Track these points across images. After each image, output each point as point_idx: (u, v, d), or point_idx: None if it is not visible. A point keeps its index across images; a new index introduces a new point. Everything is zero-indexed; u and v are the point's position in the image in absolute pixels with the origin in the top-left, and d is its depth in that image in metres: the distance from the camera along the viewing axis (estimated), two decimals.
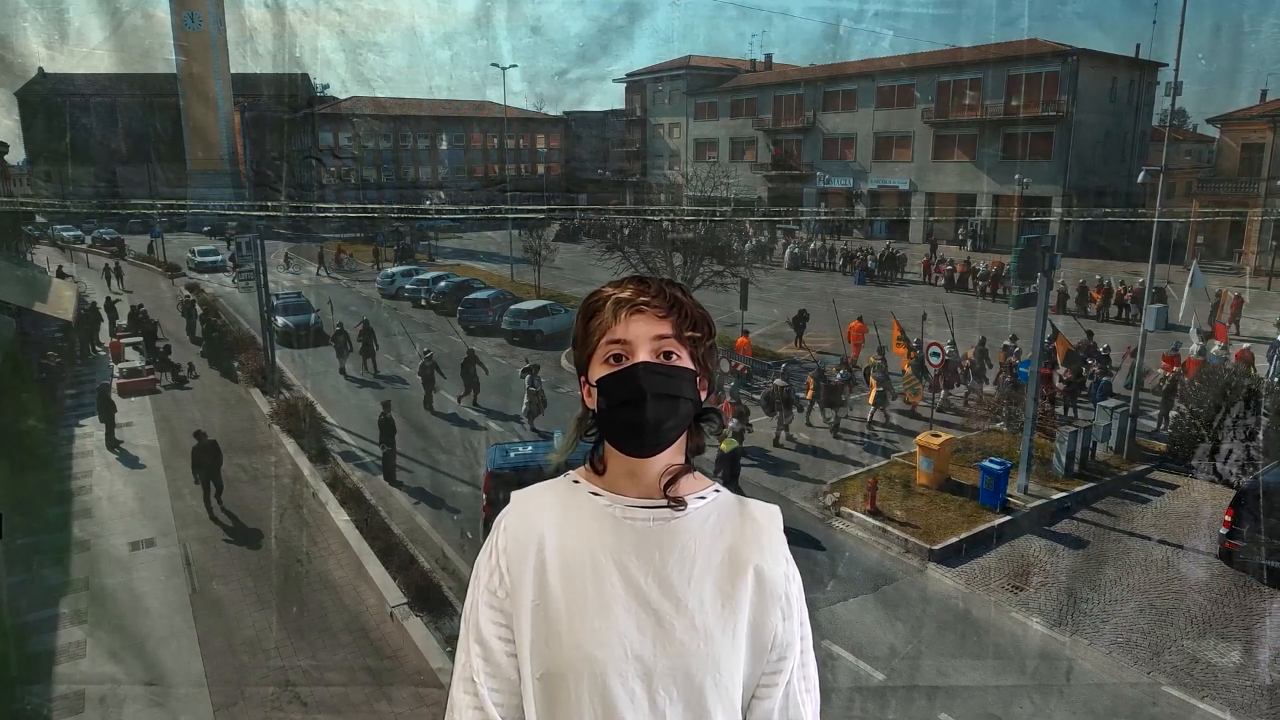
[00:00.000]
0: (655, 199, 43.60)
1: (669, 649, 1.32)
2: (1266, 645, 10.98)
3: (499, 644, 1.39)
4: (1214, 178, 38.61)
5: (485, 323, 26.95)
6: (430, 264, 39.40)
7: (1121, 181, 39.95)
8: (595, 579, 1.35)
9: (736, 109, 57.32)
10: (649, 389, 1.32)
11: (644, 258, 25.67)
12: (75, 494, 15.00)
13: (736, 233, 27.64)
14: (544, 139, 64.15)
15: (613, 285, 1.42)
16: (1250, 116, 37.40)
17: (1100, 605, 11.94)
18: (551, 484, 1.48)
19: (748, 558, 1.38)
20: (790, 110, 53.94)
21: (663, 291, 1.38)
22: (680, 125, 60.97)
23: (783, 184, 54.21)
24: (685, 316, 1.37)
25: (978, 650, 10.97)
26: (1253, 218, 35.87)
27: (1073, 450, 15.59)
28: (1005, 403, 18.01)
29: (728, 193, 29.60)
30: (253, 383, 20.89)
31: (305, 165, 53.47)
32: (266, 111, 53.33)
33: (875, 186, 49.58)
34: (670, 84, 61.16)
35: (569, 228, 46.58)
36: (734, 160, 54.53)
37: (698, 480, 1.44)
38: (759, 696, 1.41)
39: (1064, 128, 40.70)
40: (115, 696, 9.93)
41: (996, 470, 14.33)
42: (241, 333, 25.06)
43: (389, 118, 54.67)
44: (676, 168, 48.28)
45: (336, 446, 17.09)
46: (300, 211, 40.63)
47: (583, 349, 1.41)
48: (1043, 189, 41.07)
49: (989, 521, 13.81)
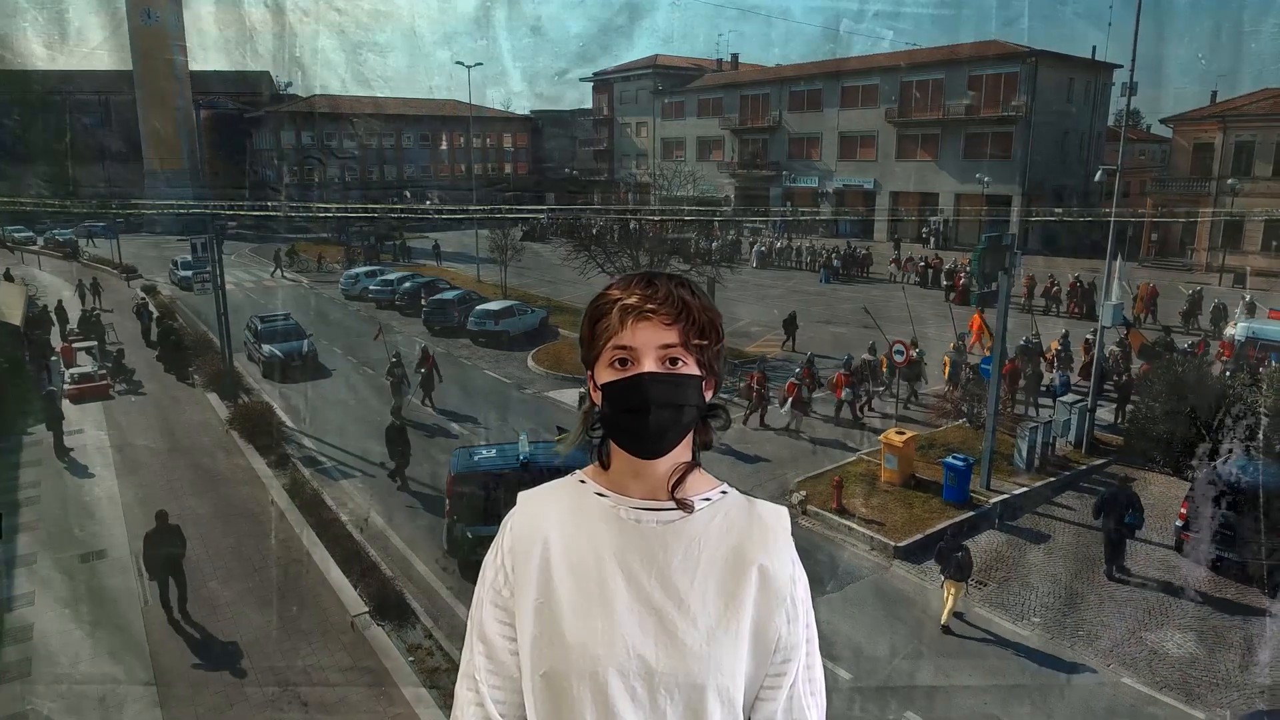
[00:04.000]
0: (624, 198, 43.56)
1: (671, 650, 1.32)
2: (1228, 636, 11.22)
3: (502, 642, 1.40)
4: (1167, 177, 39.52)
5: (451, 323, 26.68)
6: (395, 264, 38.98)
7: (1079, 180, 40.77)
8: (599, 579, 1.35)
9: (703, 108, 57.45)
10: (653, 399, 1.33)
11: (610, 257, 25.56)
12: (22, 505, 14.52)
13: (704, 232, 27.64)
14: (511, 138, 63.77)
15: (619, 287, 1.40)
16: (1201, 117, 38.34)
17: (1061, 598, 12.11)
18: (558, 484, 1.48)
19: (753, 558, 1.38)
20: (756, 110, 54.20)
21: (670, 296, 1.36)
22: (648, 124, 60.97)
23: (750, 183, 54.48)
24: (693, 322, 1.35)
25: (943, 648, 11.05)
26: (1204, 217, 36.81)
27: (1033, 445, 15.82)
28: (967, 399, 18.23)
29: (694, 191, 29.61)
30: (210, 387, 20.44)
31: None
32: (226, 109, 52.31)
33: (840, 186, 49.99)
34: (637, 83, 61.14)
35: (536, 227, 46.33)
36: (701, 159, 54.66)
37: (705, 479, 1.44)
38: (763, 698, 1.41)
39: (1023, 127, 41.38)
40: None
41: (960, 466, 14.50)
42: (199, 336, 24.52)
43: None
44: (644, 167, 48.29)
45: (297, 452, 16.78)
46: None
47: (589, 350, 1.42)
48: (1003, 188, 41.72)
49: (953, 517, 13.95)
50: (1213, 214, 36.06)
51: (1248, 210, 34.96)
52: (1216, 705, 9.80)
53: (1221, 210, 35.59)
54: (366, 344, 23.18)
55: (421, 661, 10.20)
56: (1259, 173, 35.54)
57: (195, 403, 20.02)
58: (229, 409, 18.62)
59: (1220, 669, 10.51)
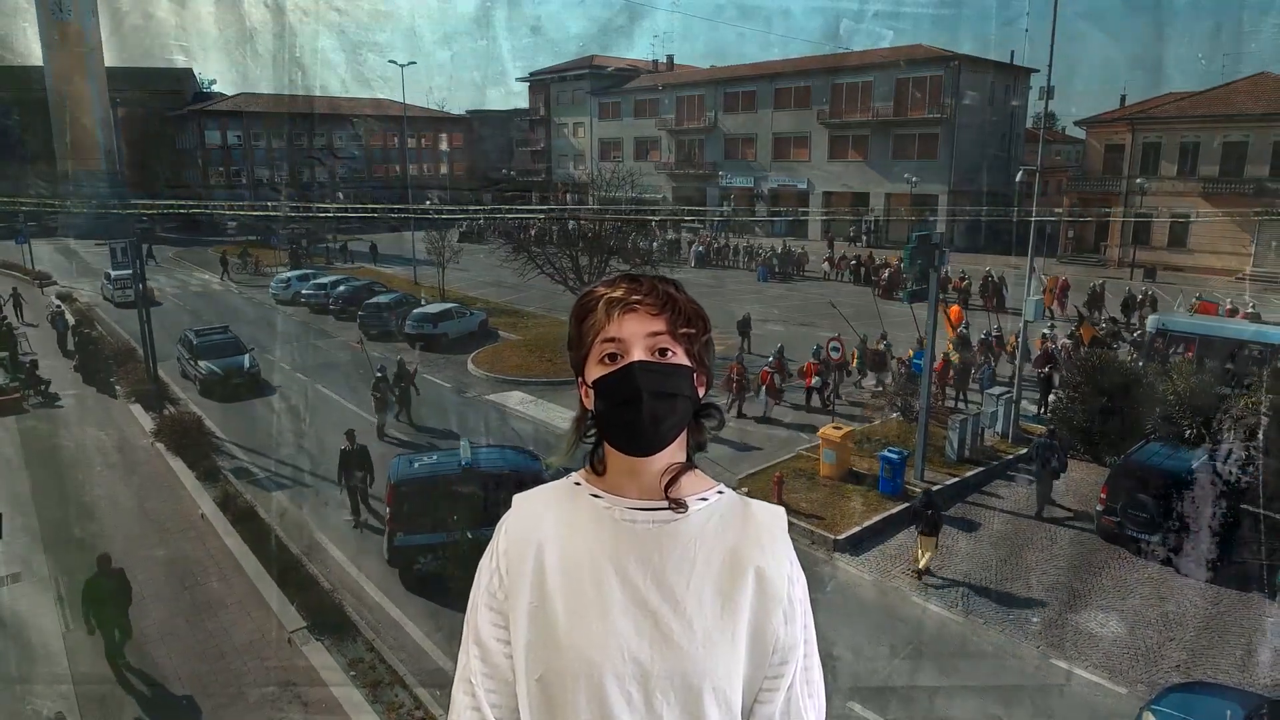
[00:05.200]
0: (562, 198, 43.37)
1: (667, 653, 1.31)
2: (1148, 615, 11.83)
3: (497, 646, 1.39)
4: (1082, 176, 41.34)
5: (388, 328, 26.20)
6: (328, 267, 38.10)
7: (1000, 180, 42.31)
8: (594, 582, 1.34)
9: (640, 109, 57.65)
10: (645, 387, 1.31)
11: (549, 258, 25.44)
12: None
13: (643, 232, 27.72)
14: (446, 138, 62.86)
15: (604, 285, 1.39)
16: (1111, 119, 40.23)
17: (992, 584, 12.58)
18: (552, 486, 1.47)
19: (749, 559, 1.36)
20: (692, 111, 54.64)
21: (655, 289, 1.36)
22: (585, 125, 60.85)
23: (687, 183, 54.89)
24: (679, 313, 1.35)
25: (882, 638, 11.36)
26: (1115, 217, 38.65)
27: (963, 437, 16.38)
28: (900, 394, 18.76)
29: (633, 191, 29.67)
30: (134, 398, 19.62)
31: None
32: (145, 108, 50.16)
33: (775, 185, 50.78)
34: (574, 84, 60.96)
35: (474, 228, 45.79)
36: (639, 160, 54.80)
37: (700, 480, 1.42)
38: (760, 700, 1.39)
39: (948, 129, 42.74)
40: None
41: (894, 459, 14.91)
42: (121, 345, 23.51)
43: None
44: (582, 167, 48.19)
45: (228, 463, 16.24)
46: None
47: (577, 350, 1.40)
48: (930, 187, 43.02)
49: (888, 509, 14.34)
50: (1124, 212, 37.86)
51: (1160, 207, 36.86)
52: (1138, 681, 10.31)
53: (1132, 209, 37.41)
54: (308, 351, 22.64)
55: (363, 676, 10.00)
56: (1165, 172, 37.49)
57: (118, 414, 19.19)
58: (154, 420, 17.91)
59: (1140, 646, 11.07)
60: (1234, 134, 35.90)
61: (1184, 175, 37.05)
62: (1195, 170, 36.79)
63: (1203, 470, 13.68)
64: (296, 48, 35.29)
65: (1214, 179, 36.24)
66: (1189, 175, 36.92)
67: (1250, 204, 35.10)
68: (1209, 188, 36.24)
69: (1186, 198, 36.77)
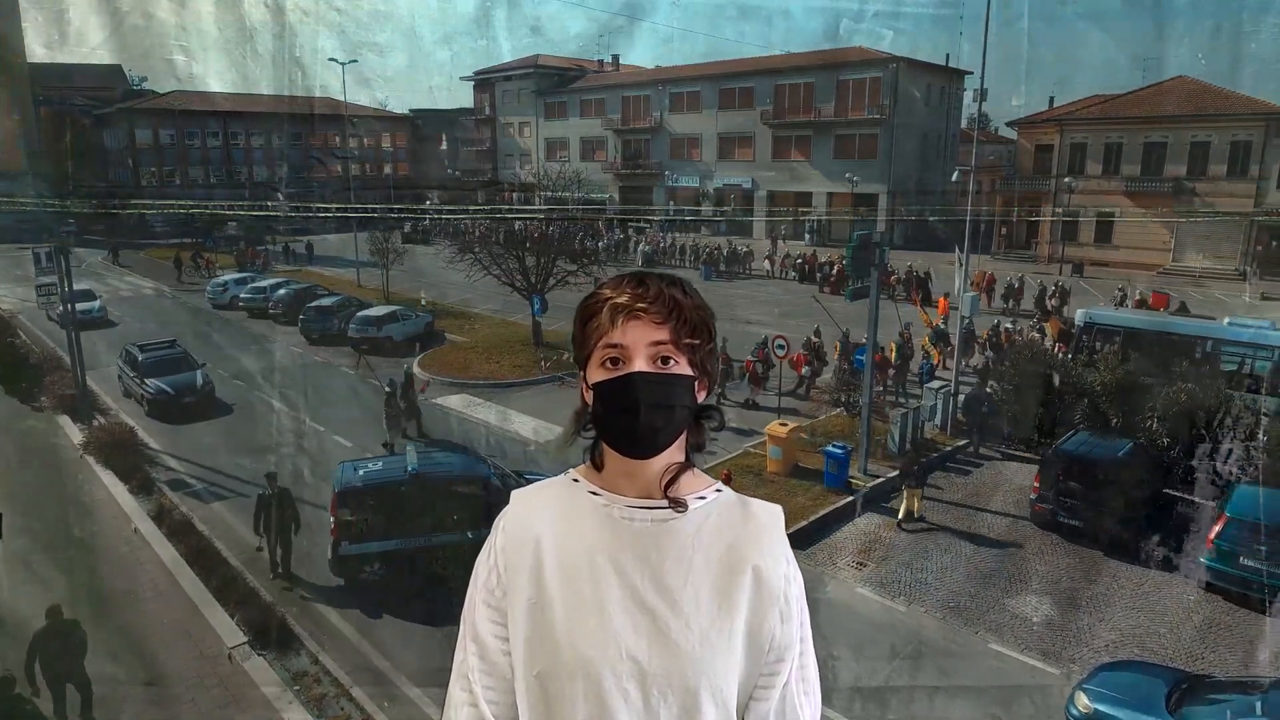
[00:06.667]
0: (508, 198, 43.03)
1: (664, 650, 1.31)
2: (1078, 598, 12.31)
3: (495, 642, 1.39)
4: (1013, 176, 42.73)
5: (331, 331, 25.69)
6: (268, 270, 37.21)
7: (937, 180, 43.48)
8: (592, 579, 1.33)
9: (586, 109, 57.54)
10: (644, 399, 1.31)
11: (496, 259, 25.26)
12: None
13: (591, 232, 27.72)
14: (390, 138, 61.84)
15: (610, 286, 1.38)
16: (1040, 120, 41.66)
17: (933, 573, 12.94)
18: (550, 483, 1.46)
19: (746, 558, 1.37)
20: (638, 111, 54.76)
21: (661, 295, 1.34)
22: (531, 124, 60.49)
23: (633, 183, 55.01)
24: (684, 321, 1.34)
25: (830, 630, 11.60)
26: (1046, 216, 40.04)
27: (904, 431, 16.81)
28: (844, 389, 19.15)
29: (580, 191, 29.63)
30: (60, 409, 18.85)
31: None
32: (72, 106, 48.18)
33: (721, 185, 51.22)
34: (519, 83, 60.53)
35: (419, 229, 45.17)
36: (585, 159, 54.71)
37: (698, 479, 1.43)
38: (756, 698, 1.40)
39: (887, 130, 43.68)
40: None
41: (839, 454, 15.23)
42: (46, 353, 22.57)
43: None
44: (528, 167, 47.94)
45: (162, 476, 15.73)
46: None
47: (580, 349, 1.39)
48: (871, 187, 43.91)
49: (834, 503, 14.64)
50: (1053, 211, 39.22)
51: (1087, 206, 38.32)
52: (1070, 661, 10.73)
53: (1060, 207, 38.80)
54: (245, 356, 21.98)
55: (308, 690, 9.82)
56: (1091, 171, 39.00)
57: (43, 426, 18.42)
58: (83, 432, 17.25)
59: (1072, 628, 11.53)
60: (1154, 135, 37.52)
61: (1109, 174, 38.59)
62: (1119, 170, 38.35)
63: (1130, 457, 14.31)
64: (296, 48, 34.68)
65: (1136, 178, 37.84)
66: (1113, 174, 38.47)
67: (1169, 202, 36.77)
68: (1132, 186, 37.83)
69: (1111, 196, 38.33)
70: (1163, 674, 9.73)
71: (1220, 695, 9.12)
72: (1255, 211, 34.70)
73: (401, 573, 11.69)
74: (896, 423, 16.93)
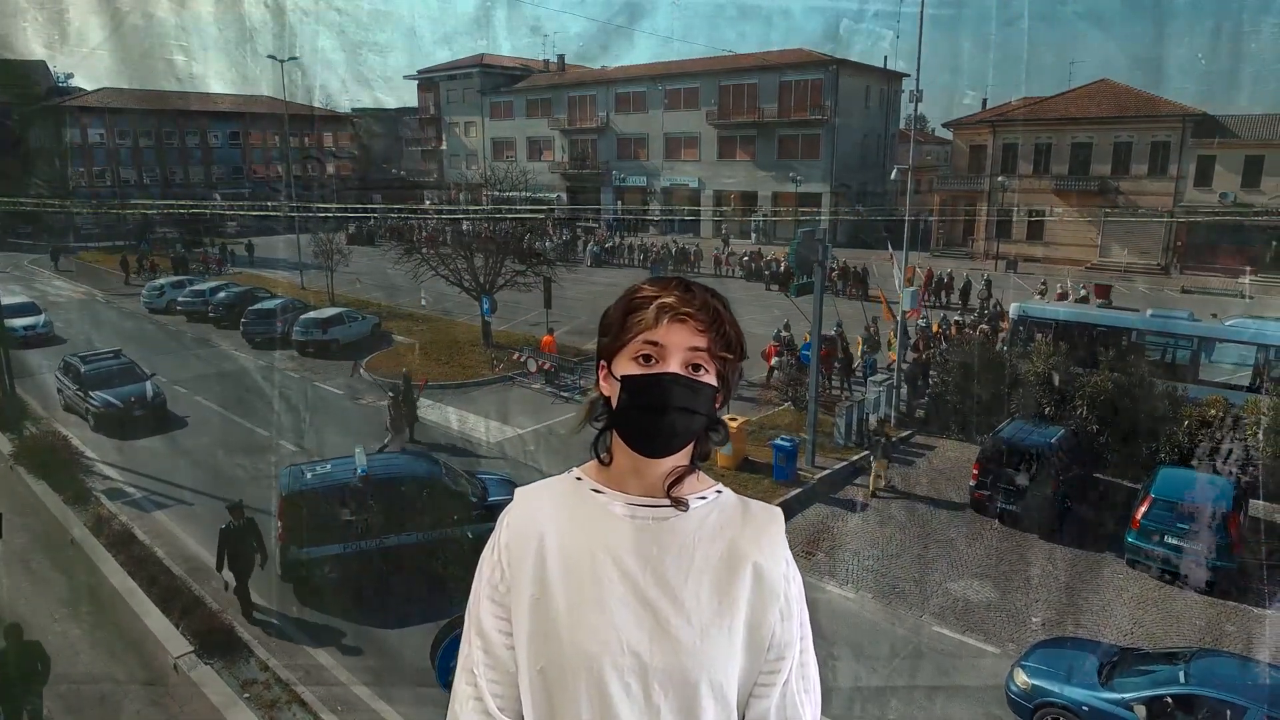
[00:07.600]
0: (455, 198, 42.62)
1: (665, 646, 1.33)
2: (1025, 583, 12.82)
3: (499, 637, 1.41)
4: (949, 175, 44.02)
5: (274, 334, 25.13)
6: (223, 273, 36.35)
7: (877, 179, 44.53)
8: (594, 575, 1.36)
9: (532, 109, 57.32)
10: (674, 402, 1.34)
11: (443, 259, 25.05)
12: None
13: (538, 232, 27.64)
14: (332, 137, 60.64)
15: (657, 285, 1.40)
16: (974, 121, 43.01)
17: (878, 560, 13.33)
18: (554, 481, 1.49)
19: (746, 555, 1.39)
20: (585, 111, 54.77)
21: (706, 304, 1.37)
22: (477, 124, 60.00)
23: (580, 183, 54.99)
24: (722, 334, 1.37)
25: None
26: (980, 214, 41.35)
27: (850, 423, 17.24)
28: (790, 384, 19.52)
29: (527, 191, 29.55)
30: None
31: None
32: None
33: (668, 185, 51.55)
34: (464, 83, 59.99)
35: (364, 229, 44.42)
36: (532, 159, 54.49)
37: (701, 480, 1.46)
38: (756, 695, 1.42)
39: (828, 130, 44.55)
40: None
41: (787, 447, 15.54)
42: None
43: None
44: (475, 167, 47.57)
45: (99, 484, 15.23)
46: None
47: (614, 339, 1.39)
48: (814, 186, 44.72)
49: (783, 495, 14.93)
50: (987, 209, 40.52)
51: (1019, 204, 39.70)
52: (1009, 641, 11.18)
53: (994, 205, 40.12)
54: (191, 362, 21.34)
55: (258, 697, 9.66)
56: (1022, 170, 40.44)
57: None
58: (13, 443, 16.59)
59: (1010, 608, 12.01)
60: (1080, 136, 39.08)
61: (1039, 174, 40.07)
62: (1049, 169, 39.84)
63: (1061, 444, 14.94)
64: (296, 48, 33.98)
65: (1064, 177, 39.37)
66: (1043, 174, 39.95)
67: (1095, 200, 38.35)
68: (1061, 184, 39.34)
69: (1041, 194, 39.81)
70: (1095, 649, 10.21)
71: (1148, 666, 9.62)
72: (1176, 210, 36.43)
73: (351, 575, 11.58)
74: (842, 415, 17.35)
